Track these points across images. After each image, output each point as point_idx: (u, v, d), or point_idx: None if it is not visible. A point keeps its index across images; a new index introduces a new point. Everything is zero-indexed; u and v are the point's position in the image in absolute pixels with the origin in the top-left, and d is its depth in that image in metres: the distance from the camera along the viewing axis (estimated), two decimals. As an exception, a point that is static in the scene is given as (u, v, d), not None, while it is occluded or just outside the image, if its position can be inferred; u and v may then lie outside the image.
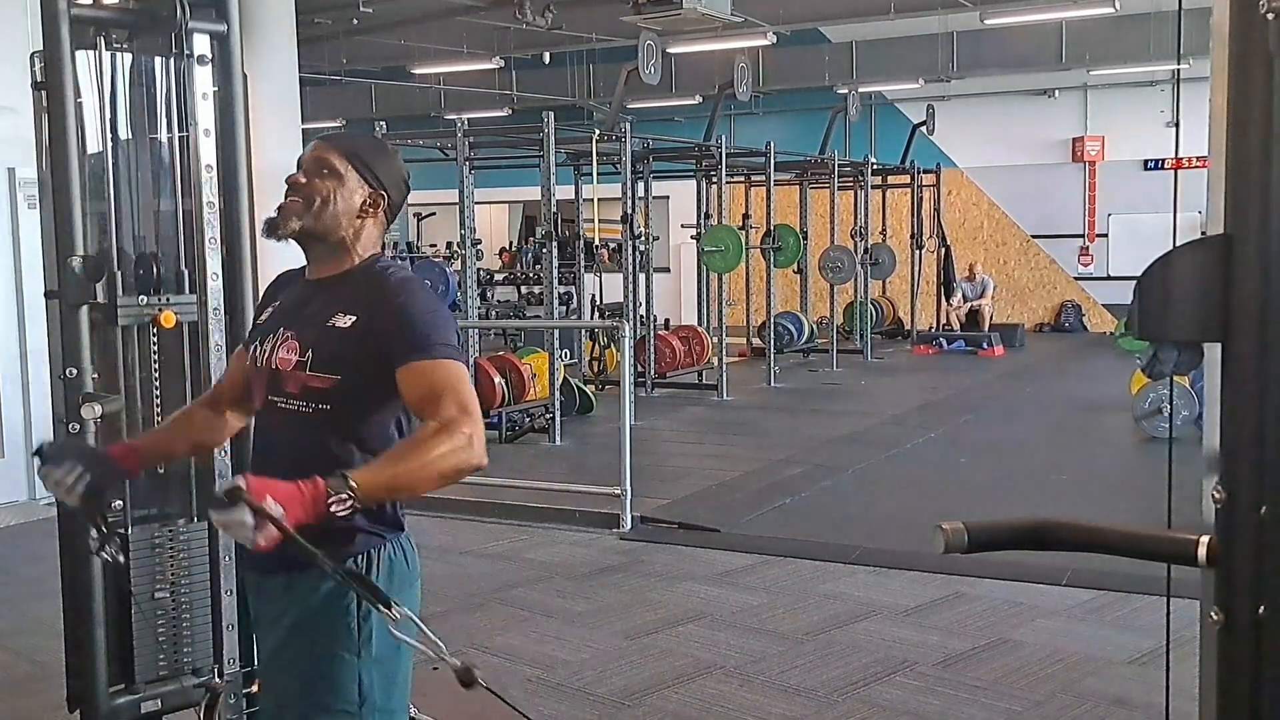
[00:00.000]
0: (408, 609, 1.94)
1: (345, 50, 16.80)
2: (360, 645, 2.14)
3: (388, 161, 2.30)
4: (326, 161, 2.23)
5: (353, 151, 2.26)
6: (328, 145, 2.27)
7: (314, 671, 2.16)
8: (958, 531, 1.34)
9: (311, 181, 2.22)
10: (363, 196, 2.24)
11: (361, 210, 2.24)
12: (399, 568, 2.20)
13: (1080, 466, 8.34)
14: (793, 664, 4.64)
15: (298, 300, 2.28)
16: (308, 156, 2.27)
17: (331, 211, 2.21)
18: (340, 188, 2.22)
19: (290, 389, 2.17)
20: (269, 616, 2.27)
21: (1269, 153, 1.16)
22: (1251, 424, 1.20)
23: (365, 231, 2.26)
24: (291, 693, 2.21)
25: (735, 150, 12.89)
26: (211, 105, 3.23)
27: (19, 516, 7.17)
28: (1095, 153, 17.71)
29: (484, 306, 15.80)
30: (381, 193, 2.26)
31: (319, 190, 2.21)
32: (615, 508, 6.75)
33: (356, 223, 2.24)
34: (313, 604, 2.16)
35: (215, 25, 3.20)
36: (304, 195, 2.21)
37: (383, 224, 2.30)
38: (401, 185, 2.31)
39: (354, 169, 2.23)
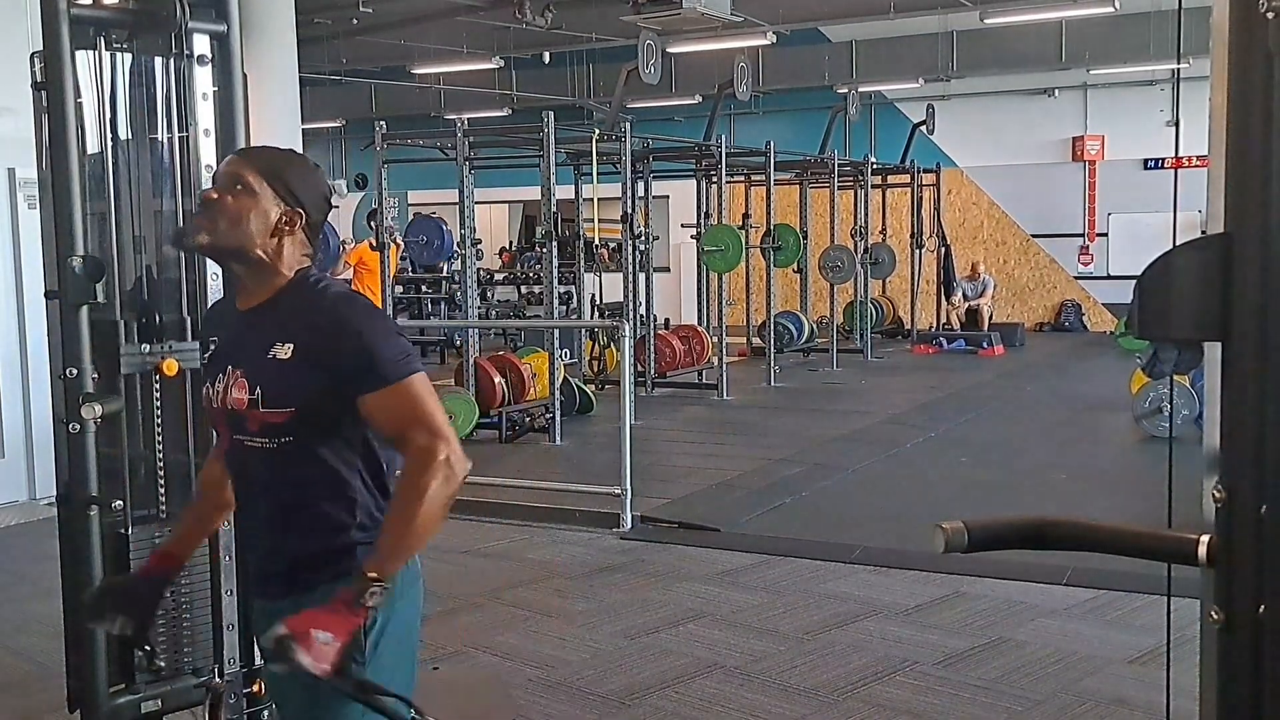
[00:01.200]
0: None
1: (345, 50, 16.81)
2: (366, 654, 2.13)
3: (306, 178, 2.21)
4: (240, 177, 2.14)
5: (268, 168, 2.17)
6: (243, 161, 2.20)
7: (324, 683, 2.15)
8: (958, 531, 1.34)
9: (223, 198, 2.13)
10: (278, 214, 2.15)
11: (276, 228, 2.15)
12: (399, 572, 2.19)
13: (1080, 466, 8.34)
14: (793, 663, 4.64)
15: (235, 333, 2.22)
16: (221, 171, 2.19)
17: (243, 230, 2.12)
18: (254, 205, 2.13)
19: (251, 427, 2.14)
20: None
21: (1269, 152, 1.16)
22: (1251, 424, 1.20)
23: (285, 250, 2.16)
24: (298, 704, 2.21)
25: (735, 150, 12.88)
26: (211, 105, 3.23)
27: (19, 516, 7.17)
28: (1095, 152, 17.71)
29: (484, 306, 15.82)
30: (298, 210, 2.17)
31: (230, 208, 2.13)
32: (615, 507, 6.75)
33: (272, 241, 2.15)
34: None
35: (215, 25, 3.20)
36: (215, 211, 2.14)
37: (303, 242, 2.20)
38: (321, 203, 2.23)
39: (269, 185, 2.14)
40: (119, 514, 3.19)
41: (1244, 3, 1.17)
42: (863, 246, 14.70)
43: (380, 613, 2.13)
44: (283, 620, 1.94)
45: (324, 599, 2.13)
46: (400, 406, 2.07)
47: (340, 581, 2.13)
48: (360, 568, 2.01)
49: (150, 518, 3.29)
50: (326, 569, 2.16)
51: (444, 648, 4.84)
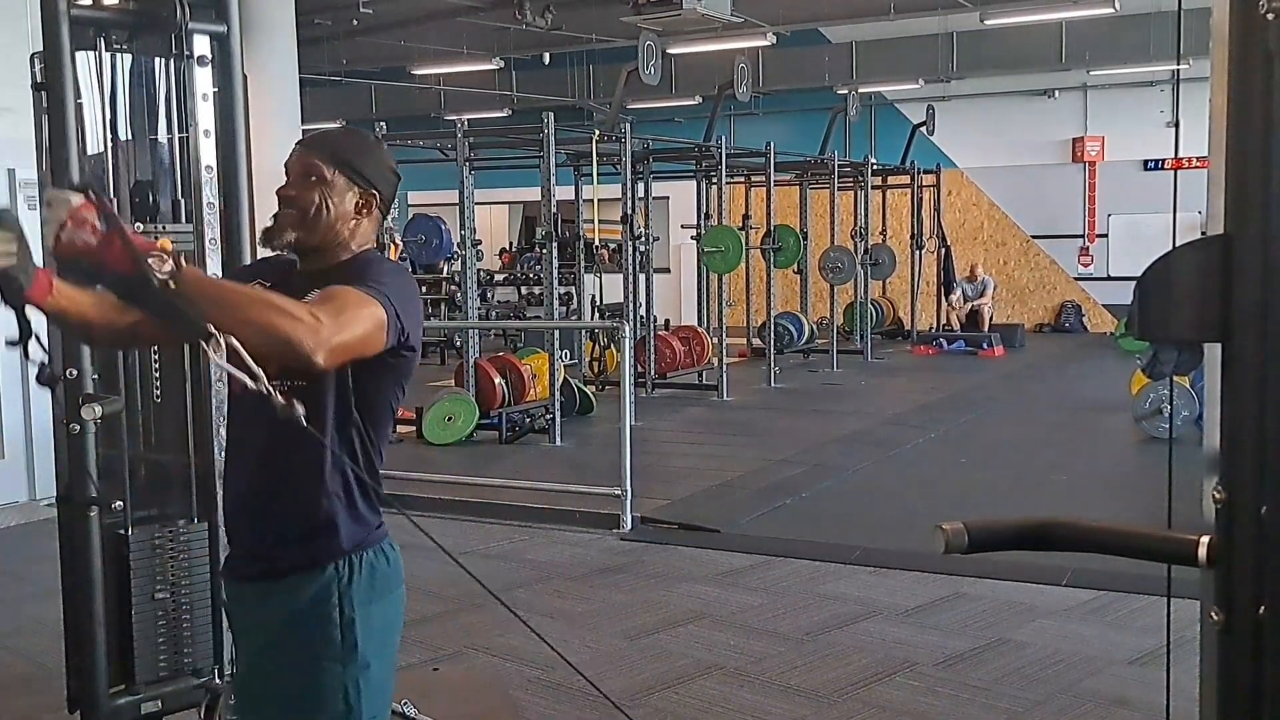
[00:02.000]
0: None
1: (345, 50, 16.81)
2: (345, 653, 2.11)
3: (373, 157, 2.25)
4: (314, 169, 2.17)
5: (337, 154, 2.20)
6: (310, 150, 2.21)
7: (298, 683, 2.13)
8: (958, 532, 1.34)
9: (301, 191, 2.16)
10: (354, 198, 2.19)
11: (356, 212, 2.20)
12: (381, 572, 2.17)
13: (1080, 466, 8.34)
14: (793, 664, 4.64)
15: (286, 282, 2.17)
16: (293, 165, 2.21)
17: (326, 220, 2.16)
18: (330, 193, 2.16)
19: (270, 369, 2.06)
20: (247, 625, 2.24)
21: (1269, 153, 1.16)
22: (1251, 424, 1.20)
23: (360, 230, 2.22)
24: (275, 706, 2.17)
25: (735, 150, 12.88)
26: (211, 106, 3.24)
27: (19, 516, 7.17)
28: (1095, 153, 17.71)
29: (484, 307, 15.81)
30: (373, 191, 2.21)
31: (310, 199, 2.15)
32: (615, 508, 6.75)
33: (351, 224, 2.20)
34: (294, 612, 2.12)
35: (215, 26, 3.20)
36: (297, 207, 2.16)
37: (377, 219, 2.26)
38: (390, 177, 2.26)
39: (341, 172, 2.18)
40: (119, 514, 3.19)
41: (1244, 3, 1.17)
42: (863, 247, 14.70)
43: (357, 611, 2.11)
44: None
45: (294, 590, 2.11)
46: (338, 292, 1.98)
47: (315, 573, 2.11)
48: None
49: (150, 518, 3.30)
50: (301, 545, 2.13)
51: (444, 648, 4.84)
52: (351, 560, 2.14)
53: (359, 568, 2.14)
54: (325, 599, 2.11)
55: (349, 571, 2.13)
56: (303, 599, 2.12)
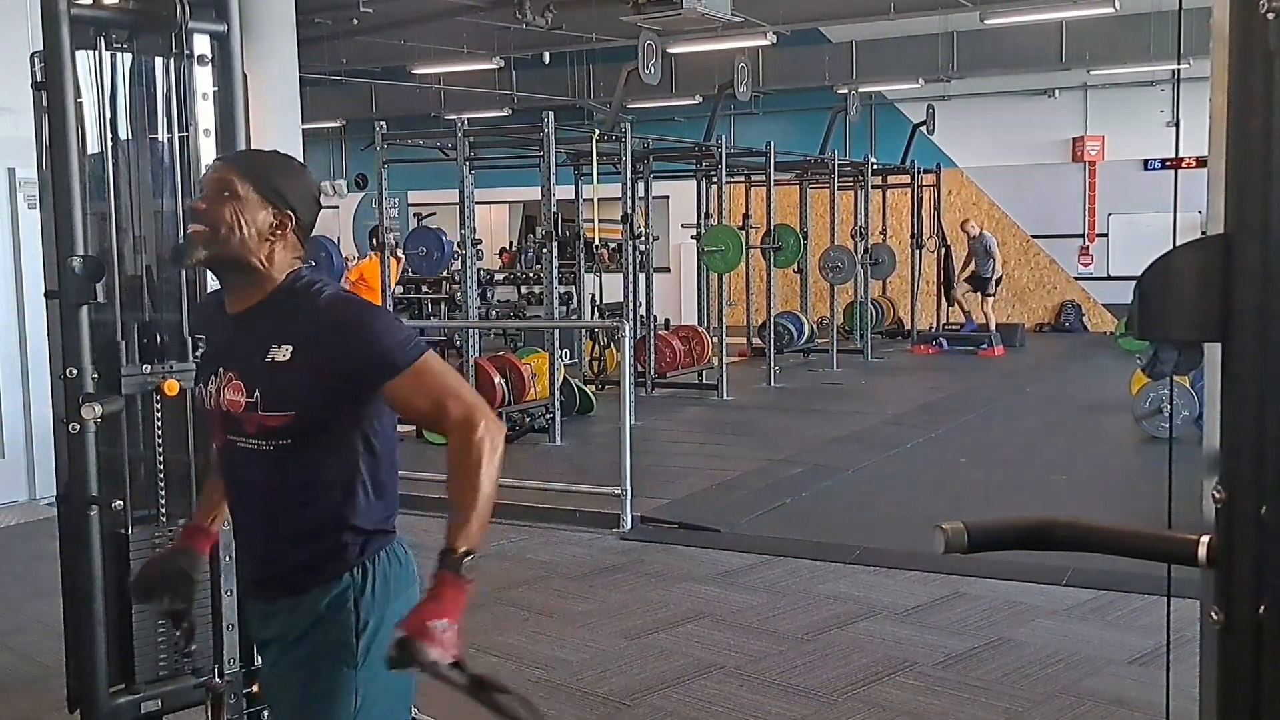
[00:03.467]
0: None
1: (345, 50, 16.80)
2: (359, 656, 2.13)
3: (294, 179, 2.19)
4: (228, 184, 2.12)
5: (255, 172, 2.15)
6: (228, 167, 2.18)
7: (312, 683, 2.15)
8: (958, 531, 1.34)
9: (213, 206, 2.11)
10: (269, 218, 2.13)
11: (270, 233, 2.13)
12: (394, 574, 2.19)
13: (1080, 466, 8.34)
14: (793, 664, 4.64)
15: (226, 336, 2.21)
16: (208, 179, 2.17)
17: (237, 237, 2.10)
18: (244, 211, 2.11)
19: (248, 430, 2.12)
20: (271, 635, 2.26)
21: (1269, 153, 1.16)
22: (1251, 424, 1.20)
23: (276, 255, 2.15)
24: (290, 706, 2.22)
25: (735, 150, 12.88)
26: (211, 105, 3.24)
27: (19, 516, 7.17)
28: (1095, 153, 17.70)
29: (484, 306, 15.81)
30: (288, 213, 2.15)
31: (222, 215, 2.10)
32: (615, 508, 6.75)
33: (265, 246, 2.13)
34: (314, 618, 2.15)
35: (215, 25, 3.20)
36: (207, 222, 2.11)
37: (294, 245, 2.18)
38: (309, 202, 2.20)
39: (256, 190, 2.12)
40: (119, 514, 3.19)
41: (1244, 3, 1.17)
42: (863, 247, 14.70)
43: (372, 615, 2.14)
44: (397, 625, 1.95)
45: (315, 604, 2.13)
46: (424, 386, 2.07)
47: (331, 586, 2.14)
48: (447, 551, 1.99)
49: (150, 518, 3.29)
50: (319, 572, 2.16)
51: (444, 648, 4.84)
52: (365, 565, 2.16)
53: (371, 573, 2.16)
54: (341, 606, 2.14)
55: (363, 577, 2.16)
56: (320, 607, 2.15)
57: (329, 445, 2.14)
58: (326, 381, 2.07)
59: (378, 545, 2.18)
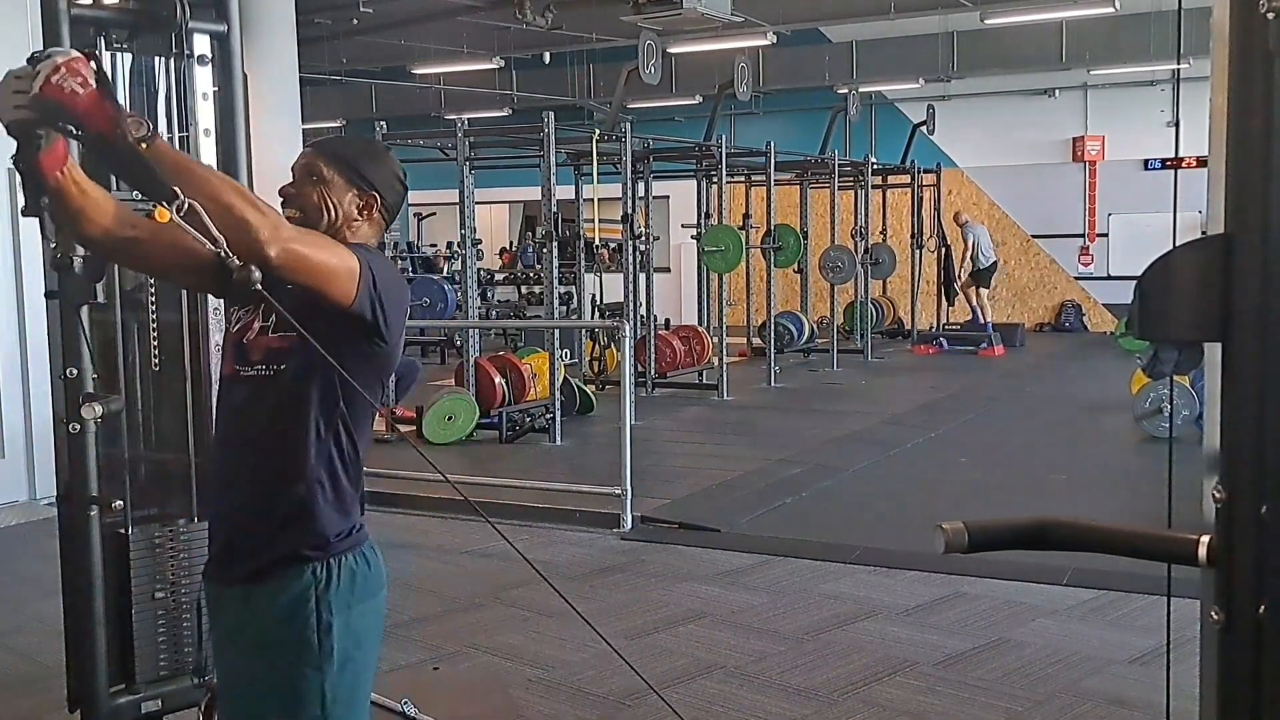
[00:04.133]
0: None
1: (345, 50, 16.80)
2: (323, 658, 2.12)
3: (378, 162, 2.29)
4: (315, 168, 2.22)
5: (341, 156, 2.24)
6: (316, 152, 2.27)
7: (276, 687, 2.14)
8: (958, 531, 1.34)
9: (302, 190, 2.22)
10: (355, 200, 2.23)
11: (357, 214, 2.24)
12: (361, 575, 2.18)
13: (1080, 466, 8.34)
14: (793, 664, 4.64)
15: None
16: (298, 165, 2.26)
17: (326, 220, 2.20)
18: (331, 193, 2.21)
19: (253, 355, 2.17)
20: (226, 629, 2.25)
21: (1269, 153, 1.16)
22: (1251, 424, 1.20)
23: (361, 233, 2.26)
24: (253, 709, 2.19)
25: (735, 150, 12.88)
26: (211, 105, 3.24)
27: (19, 516, 7.17)
28: (1095, 152, 17.70)
29: (484, 306, 15.81)
30: (374, 194, 2.25)
31: (310, 198, 2.21)
32: (615, 508, 6.75)
33: (353, 226, 2.24)
34: (273, 617, 2.13)
35: (215, 25, 3.20)
36: (297, 205, 2.21)
37: (379, 224, 2.29)
38: (395, 184, 2.30)
39: (342, 174, 2.22)
40: (119, 514, 3.19)
41: (1244, 3, 1.17)
42: (863, 247, 14.70)
43: (336, 615, 2.12)
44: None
45: (271, 596, 2.12)
46: (315, 230, 2.13)
47: (290, 579, 2.12)
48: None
49: (150, 518, 3.30)
50: (283, 532, 2.13)
51: (444, 648, 4.84)
52: (330, 564, 2.14)
53: (337, 572, 2.14)
54: (303, 603, 2.12)
55: (327, 575, 2.13)
56: (281, 603, 2.12)
57: (319, 386, 2.13)
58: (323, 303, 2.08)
59: (344, 546, 2.17)
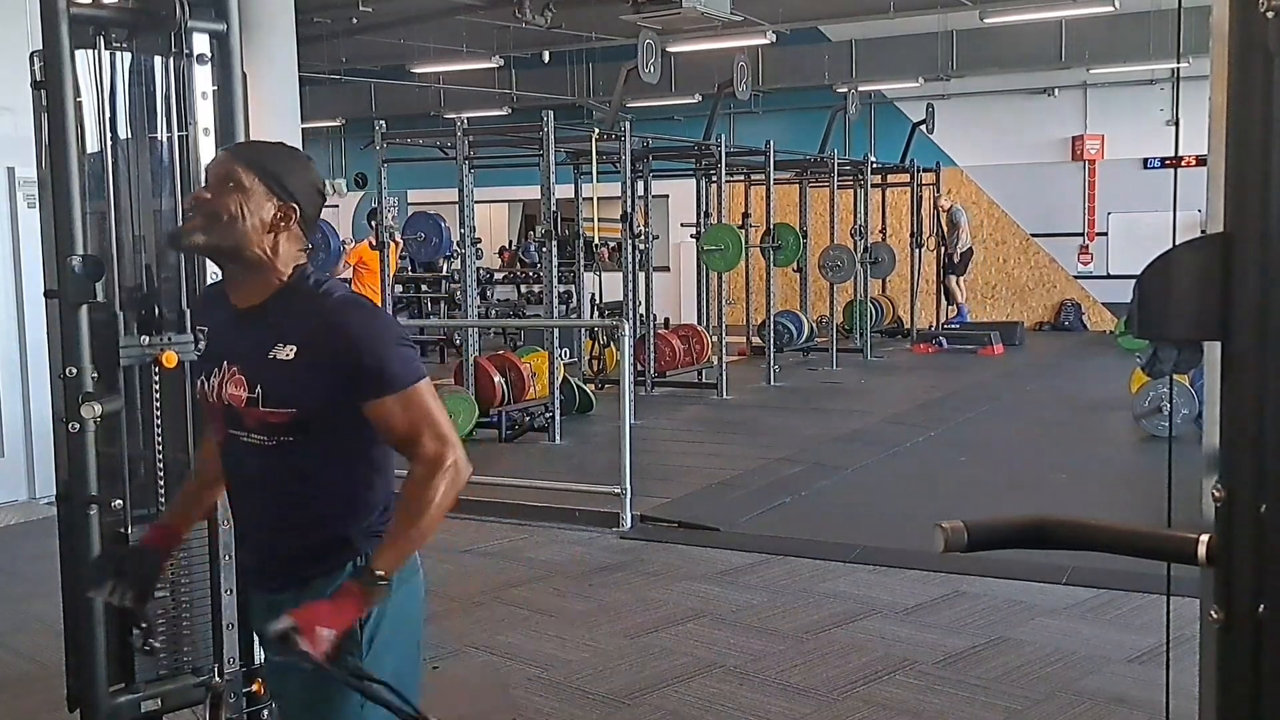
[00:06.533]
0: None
1: (345, 50, 16.81)
2: (364, 645, 2.14)
3: (298, 171, 2.18)
4: (231, 174, 2.12)
5: (258, 163, 2.14)
6: (232, 157, 2.18)
7: (319, 681, 2.16)
8: (957, 530, 1.34)
9: (217, 197, 2.11)
10: (272, 210, 2.12)
11: (272, 225, 2.12)
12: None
13: (1080, 465, 8.34)
14: (793, 663, 4.65)
15: (231, 329, 2.20)
16: (211, 170, 2.18)
17: (239, 228, 2.10)
18: (246, 202, 2.10)
19: (249, 424, 2.13)
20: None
21: (1269, 152, 1.16)
22: (1251, 423, 1.20)
23: (281, 247, 2.14)
24: (297, 698, 2.22)
25: (735, 149, 12.87)
26: (211, 105, 3.23)
27: (19, 516, 7.17)
28: (1095, 151, 17.70)
29: (484, 305, 15.81)
30: (292, 205, 2.14)
31: (223, 206, 2.10)
32: (615, 507, 6.75)
33: (268, 238, 2.12)
34: None
35: (215, 24, 3.20)
36: (208, 210, 2.11)
37: (298, 237, 2.17)
38: (314, 195, 2.20)
39: (260, 181, 2.12)
40: (119, 514, 3.19)
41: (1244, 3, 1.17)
42: (862, 246, 14.70)
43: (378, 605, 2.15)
44: (286, 612, 1.98)
45: (320, 593, 2.13)
46: (407, 412, 2.08)
47: (335, 575, 2.14)
48: (366, 565, 2.04)
49: (150, 517, 3.29)
50: (322, 563, 2.17)
51: (444, 647, 4.84)
52: (368, 554, 2.16)
53: None
54: None
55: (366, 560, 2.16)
56: (324, 596, 2.15)
57: (330, 442, 2.15)
58: (328, 380, 2.08)
59: (379, 531, 2.19)
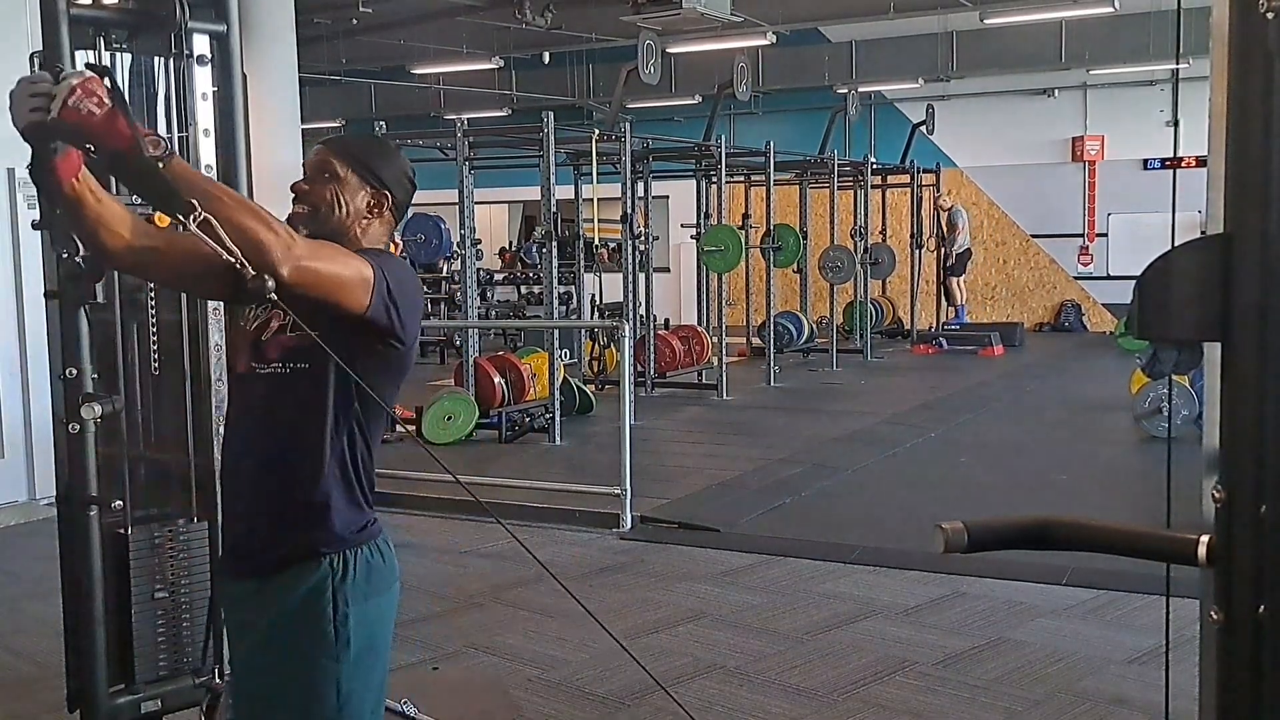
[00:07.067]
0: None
1: (345, 50, 16.80)
2: (339, 649, 2.13)
3: (389, 160, 2.33)
4: (328, 165, 2.26)
5: (352, 153, 2.29)
6: (328, 149, 2.30)
7: (291, 679, 2.15)
8: (957, 531, 1.34)
9: (314, 187, 2.25)
10: (366, 198, 2.27)
11: (367, 211, 2.28)
12: (375, 569, 2.20)
13: (1080, 466, 8.34)
14: (793, 663, 4.65)
15: None
16: (310, 162, 2.30)
17: (338, 216, 2.24)
18: (343, 191, 2.25)
19: (270, 353, 2.18)
20: (241, 622, 2.26)
21: (1269, 152, 1.16)
22: (1251, 424, 1.20)
23: (372, 230, 2.29)
24: (269, 702, 2.19)
25: (735, 150, 12.87)
26: (211, 105, 3.24)
27: (19, 516, 7.17)
28: (1095, 152, 17.70)
29: (484, 306, 15.81)
30: (385, 192, 2.29)
31: (323, 195, 2.24)
32: (615, 507, 6.75)
33: (363, 223, 2.28)
34: (289, 608, 2.14)
35: (215, 25, 3.20)
36: (309, 202, 2.25)
37: (389, 222, 2.33)
38: (405, 182, 2.34)
39: (354, 171, 2.26)
40: (119, 513, 3.19)
41: (1244, 3, 1.17)
42: (862, 247, 14.70)
43: (352, 607, 2.14)
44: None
45: (286, 588, 2.12)
46: (327, 242, 2.14)
47: (307, 565, 2.13)
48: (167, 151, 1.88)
49: (151, 518, 3.29)
50: (298, 530, 2.15)
51: (444, 648, 4.84)
52: (346, 556, 2.16)
53: (354, 564, 2.16)
54: (319, 594, 2.13)
55: (343, 567, 2.15)
56: (296, 595, 2.14)
57: (336, 386, 2.14)
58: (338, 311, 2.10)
59: (360, 539, 2.19)
